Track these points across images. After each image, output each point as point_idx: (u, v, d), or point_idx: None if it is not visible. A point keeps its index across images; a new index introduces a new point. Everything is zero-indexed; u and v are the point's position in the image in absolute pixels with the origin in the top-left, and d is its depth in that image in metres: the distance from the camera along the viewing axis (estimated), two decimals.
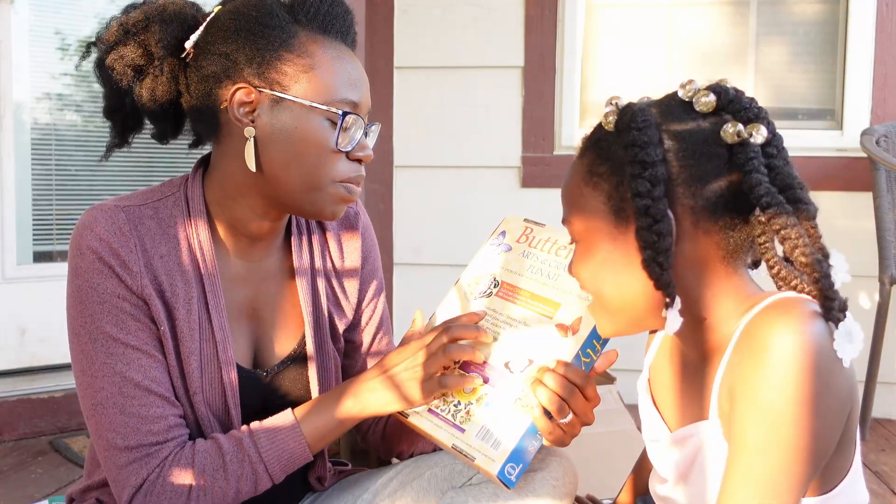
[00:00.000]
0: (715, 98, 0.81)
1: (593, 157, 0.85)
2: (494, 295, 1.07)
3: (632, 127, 0.80)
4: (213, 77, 1.00)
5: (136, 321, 0.98)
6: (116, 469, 0.98)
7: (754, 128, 0.79)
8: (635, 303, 0.84)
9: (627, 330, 0.88)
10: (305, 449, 1.01)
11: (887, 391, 2.65)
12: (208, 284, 1.03)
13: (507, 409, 0.97)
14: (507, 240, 1.12)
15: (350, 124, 1.01)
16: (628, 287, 0.83)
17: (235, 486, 0.98)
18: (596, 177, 0.84)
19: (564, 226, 0.90)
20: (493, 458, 0.94)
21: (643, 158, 0.78)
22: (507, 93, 2.85)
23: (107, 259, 0.97)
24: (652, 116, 0.81)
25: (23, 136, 2.56)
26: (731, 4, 2.81)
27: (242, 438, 0.99)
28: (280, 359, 1.12)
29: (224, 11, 1.02)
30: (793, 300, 0.78)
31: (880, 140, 2.39)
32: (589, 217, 0.84)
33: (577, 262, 0.88)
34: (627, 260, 0.82)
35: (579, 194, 0.85)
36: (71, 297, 0.99)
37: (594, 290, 0.87)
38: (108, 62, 1.03)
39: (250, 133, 0.99)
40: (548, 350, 0.98)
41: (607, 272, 0.84)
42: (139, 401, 0.97)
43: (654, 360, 1.00)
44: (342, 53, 1.02)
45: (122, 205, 1.01)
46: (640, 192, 0.78)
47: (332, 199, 1.02)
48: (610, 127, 0.84)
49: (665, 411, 0.96)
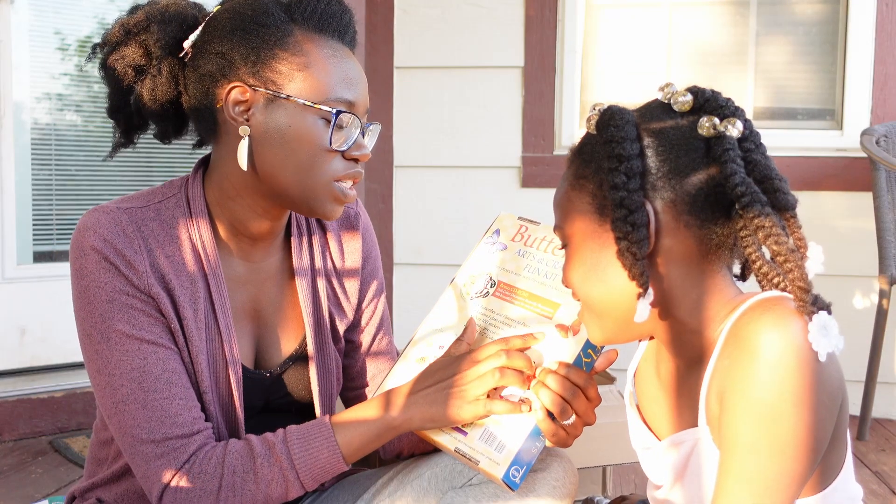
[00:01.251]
0: (692, 97, 0.83)
1: (579, 162, 0.87)
2: (491, 295, 1.06)
3: (610, 124, 0.82)
4: (209, 76, 1.01)
5: (147, 316, 0.98)
6: (145, 465, 0.96)
7: (730, 121, 0.81)
8: (621, 304, 0.84)
9: (616, 336, 0.89)
10: (340, 460, 0.98)
11: (887, 391, 2.65)
12: (213, 284, 1.03)
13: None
14: (501, 238, 1.11)
15: (345, 123, 1.00)
16: (614, 286, 0.84)
17: (265, 490, 0.96)
18: (582, 179, 0.85)
19: (556, 234, 0.90)
20: (498, 462, 0.93)
21: (619, 152, 0.80)
22: (507, 93, 2.85)
23: (111, 258, 0.97)
24: (630, 115, 0.84)
25: (23, 137, 2.56)
26: (731, 4, 2.81)
27: (276, 443, 0.97)
28: (282, 359, 1.12)
29: (221, 11, 1.03)
30: (775, 299, 0.79)
31: (880, 140, 2.39)
32: (575, 219, 0.86)
33: (567, 267, 0.89)
34: (611, 258, 0.82)
35: (567, 199, 0.87)
36: (78, 300, 0.99)
37: (583, 295, 0.88)
38: (110, 62, 1.04)
39: (245, 132, 0.99)
40: (548, 351, 0.98)
41: (594, 273, 0.85)
42: (161, 394, 0.96)
43: (639, 370, 1.00)
44: (338, 52, 1.02)
45: (124, 207, 1.01)
46: (616, 184, 0.80)
47: (328, 198, 1.02)
48: (592, 129, 0.86)
49: (652, 420, 0.96)
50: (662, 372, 0.94)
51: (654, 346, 0.96)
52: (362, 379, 1.23)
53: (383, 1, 2.86)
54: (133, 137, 1.11)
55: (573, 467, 1.06)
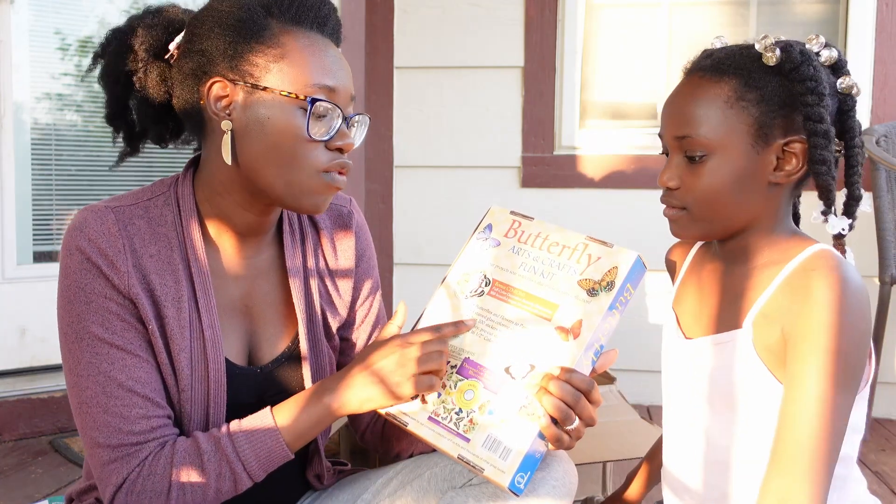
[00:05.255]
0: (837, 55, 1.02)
1: (739, 83, 0.98)
2: (486, 294, 1.04)
3: (803, 62, 0.97)
4: (192, 74, 1.02)
5: (122, 321, 0.99)
6: (100, 467, 0.99)
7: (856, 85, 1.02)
8: (743, 212, 1.01)
9: (706, 235, 1.06)
10: (284, 447, 1.00)
11: (887, 391, 2.65)
12: (198, 283, 1.04)
13: (513, 418, 0.94)
14: (494, 234, 1.08)
15: (324, 112, 1.00)
16: (746, 197, 1.00)
17: (214, 485, 0.98)
18: (744, 102, 0.98)
19: (685, 143, 1.01)
20: (503, 470, 0.92)
21: (822, 91, 0.96)
22: (507, 93, 2.85)
23: (94, 259, 0.98)
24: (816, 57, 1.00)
25: (23, 136, 2.57)
26: (731, 4, 2.81)
27: (220, 438, 0.99)
28: (274, 356, 1.12)
29: (202, 10, 1.05)
30: (831, 254, 0.98)
31: (880, 140, 2.39)
32: (727, 136, 0.98)
33: (700, 173, 1.00)
34: (753, 176, 0.99)
35: (721, 114, 0.99)
36: (60, 298, 1.01)
37: (708, 200, 1.01)
38: (104, 69, 1.07)
39: (227, 126, 1.00)
40: (549, 354, 0.96)
41: (733, 184, 0.99)
42: (122, 401, 0.98)
43: (683, 280, 1.15)
44: (315, 42, 1.02)
45: (113, 205, 1.02)
46: (822, 117, 0.95)
47: (312, 190, 1.01)
48: (772, 61, 0.97)
49: (687, 325, 1.10)
50: (706, 278, 1.10)
51: (701, 255, 1.14)
52: None
53: (383, 1, 2.86)
54: (137, 145, 1.13)
55: (573, 467, 1.06)
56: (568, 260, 1.01)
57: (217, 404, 1.04)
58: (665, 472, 1.16)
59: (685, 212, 1.03)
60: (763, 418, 0.99)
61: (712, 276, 1.10)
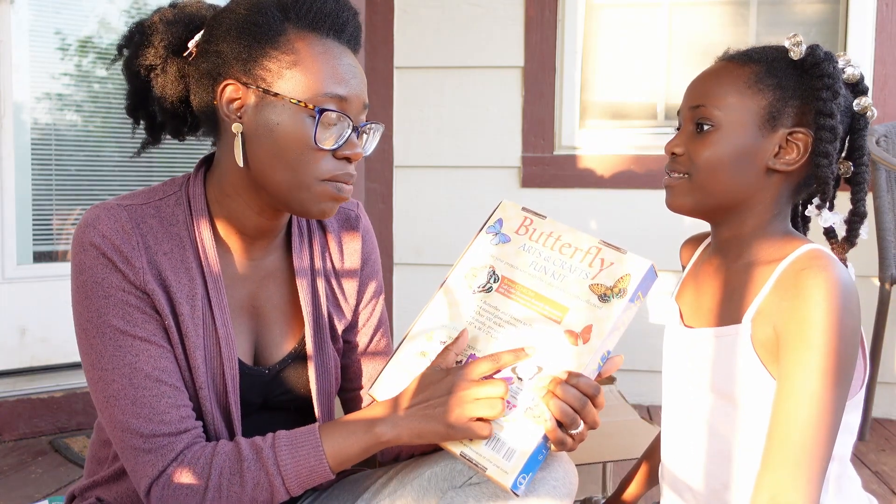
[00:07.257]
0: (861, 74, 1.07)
1: (761, 69, 1.04)
2: (495, 291, 1.03)
3: (825, 60, 1.02)
4: (208, 74, 1.03)
5: (142, 313, 0.99)
6: (134, 458, 0.98)
7: (872, 106, 1.08)
8: (737, 190, 1.04)
9: (703, 206, 1.07)
10: (327, 469, 0.98)
11: (887, 391, 2.65)
12: (210, 281, 1.04)
13: (518, 419, 0.94)
14: (504, 229, 1.07)
15: (332, 121, 1.00)
16: (742, 176, 1.03)
17: (251, 493, 0.97)
18: (762, 85, 1.03)
19: (701, 112, 1.04)
20: (507, 471, 0.92)
21: (837, 90, 1.01)
22: (507, 93, 2.85)
23: (109, 254, 0.98)
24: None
25: (23, 136, 2.57)
26: (731, 4, 2.81)
27: (263, 448, 0.98)
28: (280, 357, 1.12)
29: (222, 10, 1.05)
30: (823, 254, 1.00)
31: (880, 140, 2.39)
32: (738, 113, 1.03)
33: (705, 143, 1.04)
34: (752, 156, 1.03)
35: (737, 92, 1.03)
36: (76, 294, 1.00)
37: (708, 171, 1.04)
38: (127, 61, 1.08)
39: (238, 129, 1.01)
40: (556, 357, 0.96)
41: (733, 158, 1.03)
42: (150, 391, 0.98)
43: (689, 272, 1.19)
44: (330, 49, 1.01)
45: (125, 203, 1.02)
46: (832, 113, 1.00)
47: (318, 198, 1.01)
48: (797, 56, 1.03)
49: (690, 312, 1.13)
50: (703, 273, 1.13)
51: (706, 255, 1.16)
52: (359, 381, 1.23)
53: (383, 1, 2.86)
54: (159, 136, 1.14)
55: (573, 467, 1.06)
56: (580, 263, 1.00)
57: (234, 402, 1.04)
58: (664, 469, 1.16)
59: (686, 178, 1.06)
60: (761, 410, 1.00)
61: (709, 270, 1.12)
